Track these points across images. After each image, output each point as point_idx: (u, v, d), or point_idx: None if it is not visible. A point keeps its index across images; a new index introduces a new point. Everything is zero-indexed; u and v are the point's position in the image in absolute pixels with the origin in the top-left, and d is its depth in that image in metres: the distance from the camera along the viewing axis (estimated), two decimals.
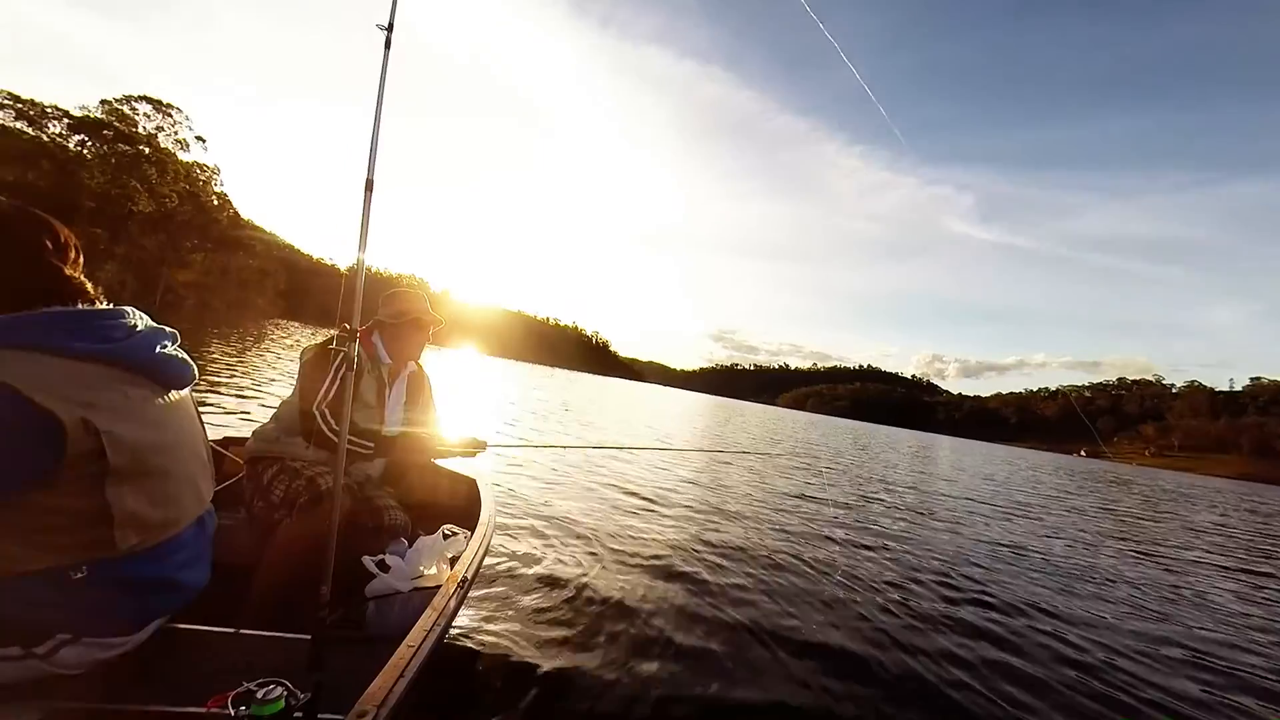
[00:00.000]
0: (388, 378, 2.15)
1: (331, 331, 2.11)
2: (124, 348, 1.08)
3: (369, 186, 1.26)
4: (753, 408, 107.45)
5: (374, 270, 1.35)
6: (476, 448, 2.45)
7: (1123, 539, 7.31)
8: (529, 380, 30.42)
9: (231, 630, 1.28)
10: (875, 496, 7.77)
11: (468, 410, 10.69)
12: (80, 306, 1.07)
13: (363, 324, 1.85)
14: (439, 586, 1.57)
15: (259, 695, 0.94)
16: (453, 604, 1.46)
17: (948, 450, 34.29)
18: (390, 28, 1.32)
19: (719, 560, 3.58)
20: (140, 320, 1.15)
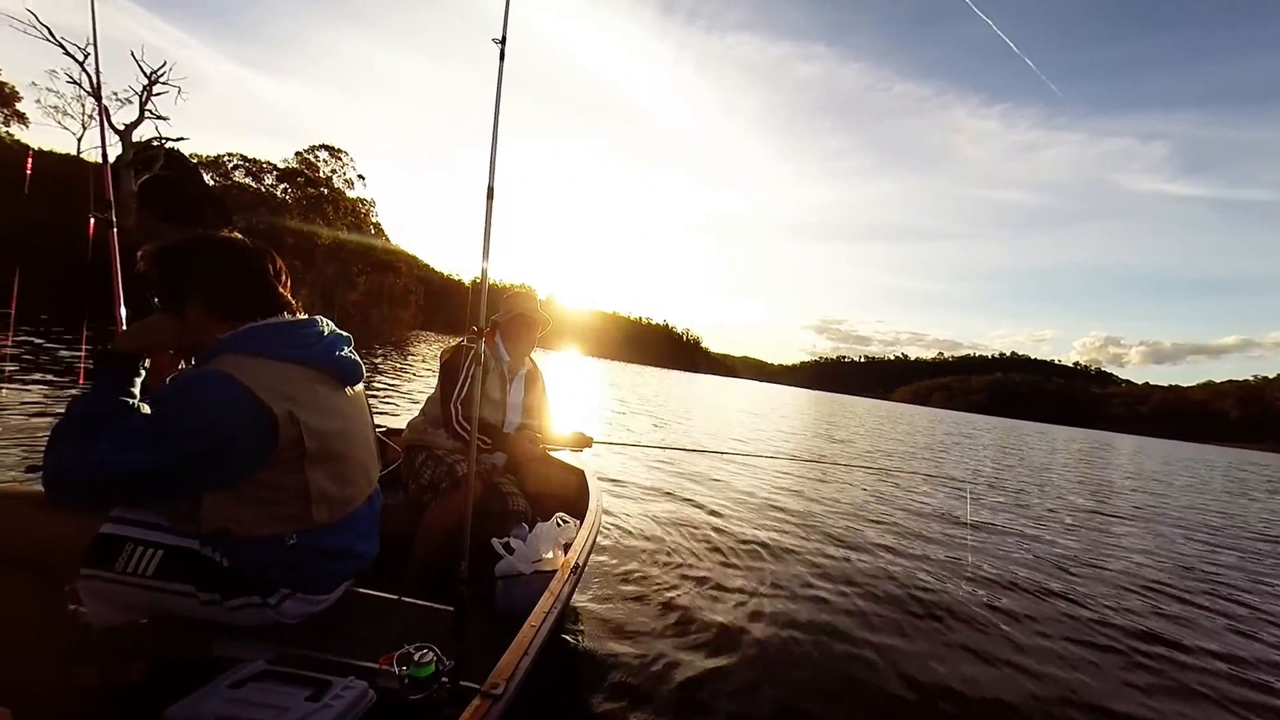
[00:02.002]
0: (508, 374, 2.31)
1: (461, 339, 2.33)
2: (315, 352, 1.25)
3: (490, 194, 1.33)
4: (862, 403, 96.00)
5: (492, 281, 1.43)
6: (584, 443, 2.55)
7: None
8: (623, 379, 31.04)
9: (394, 597, 1.44)
10: (1040, 516, 5.97)
11: (574, 408, 11.24)
12: (287, 318, 1.26)
13: (485, 329, 2.00)
14: (555, 571, 1.63)
15: (415, 657, 1.04)
16: (567, 589, 1.51)
17: (1135, 452, 27.39)
18: (503, 40, 1.37)
19: (819, 575, 3.21)
20: (327, 327, 1.33)
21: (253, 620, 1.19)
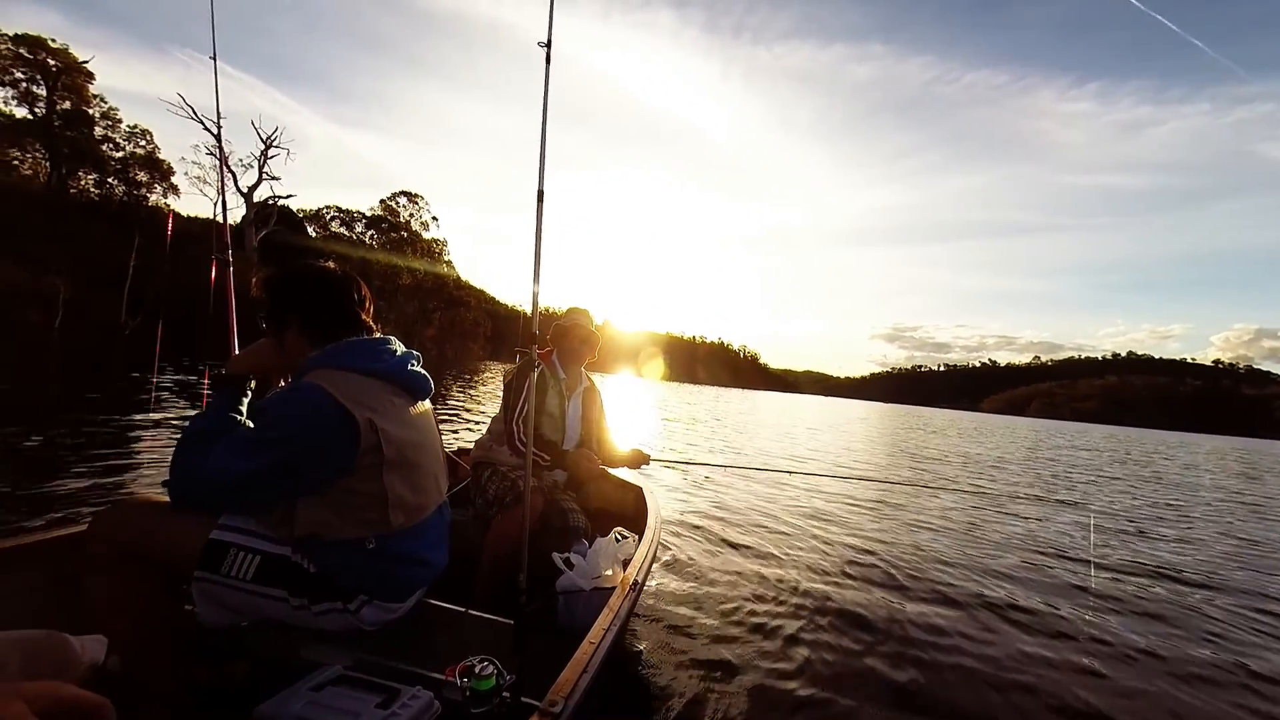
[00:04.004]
0: (566, 391, 2.33)
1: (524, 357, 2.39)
2: (390, 366, 1.32)
3: (540, 196, 1.35)
4: (943, 415, 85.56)
5: (545, 309, 1.44)
6: (641, 460, 2.51)
7: None
8: (678, 399, 30.69)
9: (462, 609, 1.45)
10: (1189, 549, 4.72)
11: (629, 428, 11.23)
12: (366, 337, 1.35)
13: (542, 347, 2.02)
14: (614, 588, 1.58)
15: (477, 670, 1.02)
16: (626, 606, 1.46)
17: None
18: (549, 44, 1.39)
19: (889, 608, 2.82)
20: (399, 346, 1.41)
21: (335, 625, 1.23)
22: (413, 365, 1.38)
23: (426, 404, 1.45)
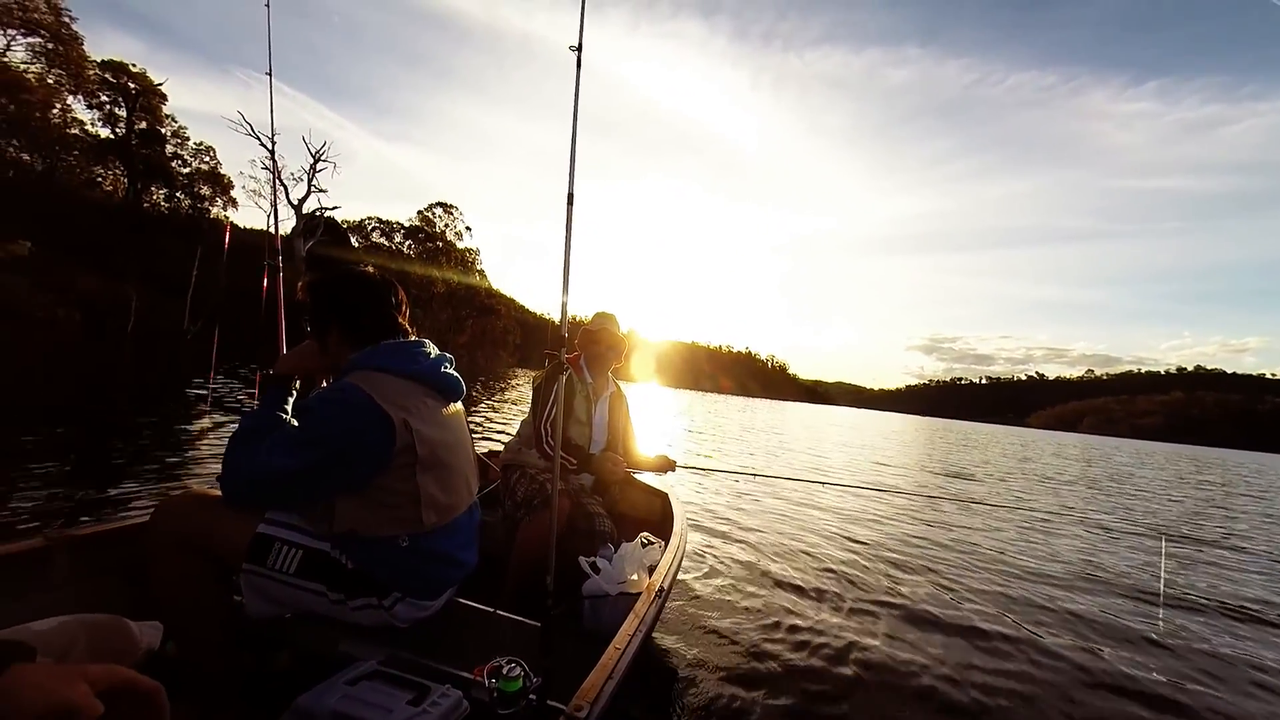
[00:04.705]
0: (593, 396, 2.34)
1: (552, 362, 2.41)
2: (424, 368, 1.35)
3: (570, 200, 1.35)
4: (985, 429, 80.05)
5: (573, 317, 1.44)
6: (667, 466, 2.49)
7: None
8: (701, 408, 30.38)
9: (490, 609, 1.46)
10: None
11: (653, 436, 11.18)
12: (402, 340, 1.38)
13: (570, 352, 2.03)
14: (639, 594, 1.56)
15: (505, 671, 1.02)
16: (651, 612, 1.44)
17: None
18: (579, 48, 1.40)
19: (920, 622, 2.69)
20: (433, 349, 1.43)
21: (370, 621, 1.26)
22: (446, 368, 1.41)
23: (458, 406, 1.46)
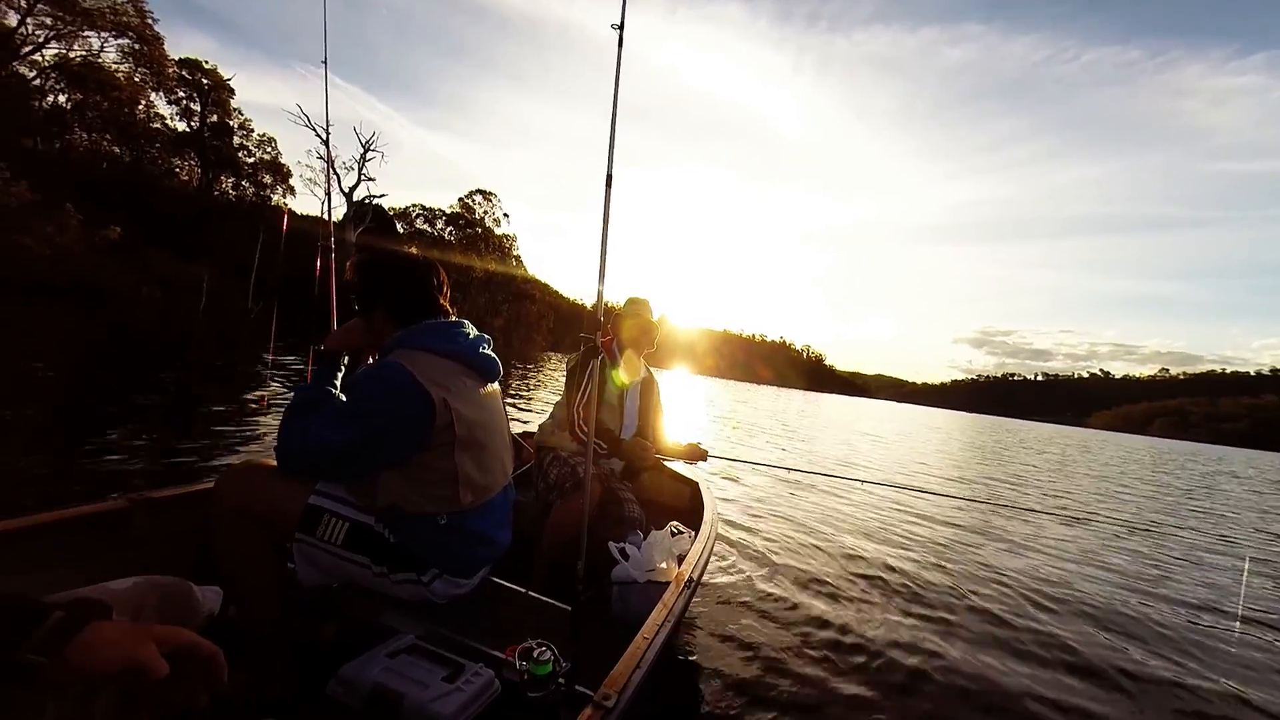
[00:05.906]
0: (625, 380, 2.32)
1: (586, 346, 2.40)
2: (463, 348, 1.36)
3: (609, 181, 1.32)
4: (1042, 429, 74.97)
5: (606, 303, 1.40)
6: (698, 455, 2.45)
7: None
8: (732, 397, 29.89)
9: (522, 590, 1.47)
10: None
11: (683, 424, 11.13)
12: (442, 320, 1.39)
13: (604, 334, 2.01)
14: (668, 583, 1.54)
15: (535, 654, 1.03)
16: (680, 602, 1.42)
17: None
18: (621, 26, 1.37)
19: (965, 630, 2.57)
20: (472, 329, 1.45)
21: (409, 595, 1.29)
22: (484, 348, 1.41)
23: (495, 386, 1.47)
